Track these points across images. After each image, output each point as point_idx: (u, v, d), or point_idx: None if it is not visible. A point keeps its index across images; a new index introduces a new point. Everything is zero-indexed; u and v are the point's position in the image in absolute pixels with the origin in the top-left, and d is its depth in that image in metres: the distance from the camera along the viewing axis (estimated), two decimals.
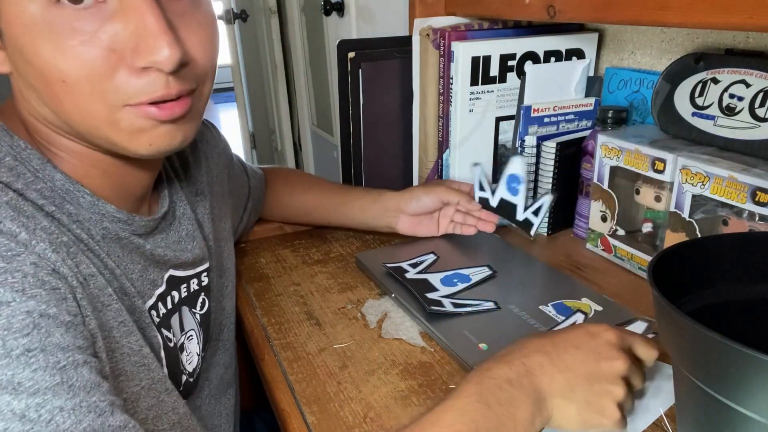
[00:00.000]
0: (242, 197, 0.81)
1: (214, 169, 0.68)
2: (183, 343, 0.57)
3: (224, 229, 0.69)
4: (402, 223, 0.83)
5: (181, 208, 0.59)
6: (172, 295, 0.56)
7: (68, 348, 0.38)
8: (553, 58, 0.89)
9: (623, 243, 0.79)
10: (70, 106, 0.43)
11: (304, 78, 2.22)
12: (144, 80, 0.42)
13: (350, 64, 0.88)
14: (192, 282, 0.59)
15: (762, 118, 0.66)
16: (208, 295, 0.62)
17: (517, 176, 0.79)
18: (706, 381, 0.38)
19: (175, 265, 0.56)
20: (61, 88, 0.42)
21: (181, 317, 0.57)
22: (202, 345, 0.61)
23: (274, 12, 2.44)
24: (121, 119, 0.43)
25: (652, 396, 0.55)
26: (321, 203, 0.87)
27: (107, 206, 0.48)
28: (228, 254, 0.70)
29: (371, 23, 1.54)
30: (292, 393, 0.58)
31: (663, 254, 0.45)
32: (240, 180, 0.80)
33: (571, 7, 0.65)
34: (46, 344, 0.36)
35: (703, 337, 0.36)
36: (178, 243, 0.57)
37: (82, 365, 0.38)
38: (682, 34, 0.82)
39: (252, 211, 0.85)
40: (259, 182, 0.86)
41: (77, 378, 0.37)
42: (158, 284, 0.54)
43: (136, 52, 0.41)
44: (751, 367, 0.34)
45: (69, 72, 0.41)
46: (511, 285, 0.73)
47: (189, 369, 0.58)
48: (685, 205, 0.68)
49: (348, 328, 0.68)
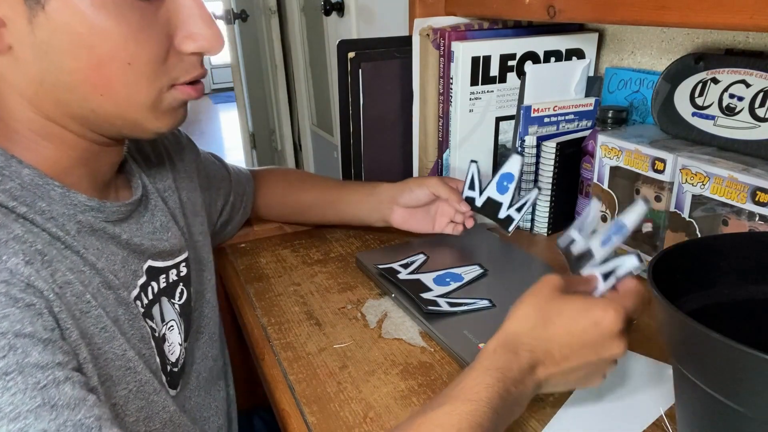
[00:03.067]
0: (220, 191, 0.80)
1: (178, 164, 0.68)
2: (164, 333, 0.57)
3: (199, 223, 0.69)
4: (396, 215, 0.82)
5: (154, 200, 0.59)
6: (152, 285, 0.56)
7: (47, 366, 0.37)
8: (553, 58, 0.89)
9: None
10: (121, 89, 0.45)
11: (304, 78, 2.22)
12: (186, 62, 0.47)
13: (350, 64, 0.88)
14: (171, 272, 0.59)
15: (762, 118, 0.66)
16: (187, 285, 0.62)
17: (511, 175, 0.77)
18: (706, 381, 0.38)
19: (153, 255, 0.56)
20: (122, 71, 0.44)
21: (161, 308, 0.57)
22: (184, 335, 0.60)
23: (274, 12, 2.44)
24: (164, 99, 0.47)
25: (652, 396, 0.55)
26: (317, 200, 0.86)
27: (78, 196, 0.48)
28: (205, 247, 0.69)
29: (371, 23, 1.54)
30: (292, 393, 0.58)
31: (663, 254, 0.45)
32: (216, 174, 0.79)
33: (571, 7, 0.65)
34: (23, 365, 0.35)
35: (703, 337, 0.36)
36: (153, 234, 0.57)
37: (63, 382, 0.37)
38: (682, 34, 0.82)
39: (236, 206, 0.84)
40: (244, 179, 0.85)
41: (59, 396, 0.36)
42: (139, 275, 0.54)
43: (190, 39, 0.46)
44: (751, 367, 0.34)
45: (140, 54, 0.44)
46: (509, 284, 0.73)
47: (172, 359, 0.57)
48: (685, 205, 0.68)
49: (348, 328, 0.68)
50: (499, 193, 0.78)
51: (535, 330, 0.46)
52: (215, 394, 0.68)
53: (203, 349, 0.66)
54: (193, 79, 0.48)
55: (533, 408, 0.54)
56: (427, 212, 0.83)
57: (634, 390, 0.56)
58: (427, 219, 0.83)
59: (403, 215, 0.82)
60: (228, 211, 0.82)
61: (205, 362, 0.66)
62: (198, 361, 0.65)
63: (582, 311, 0.46)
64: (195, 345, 0.65)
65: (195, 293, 0.64)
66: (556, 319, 0.46)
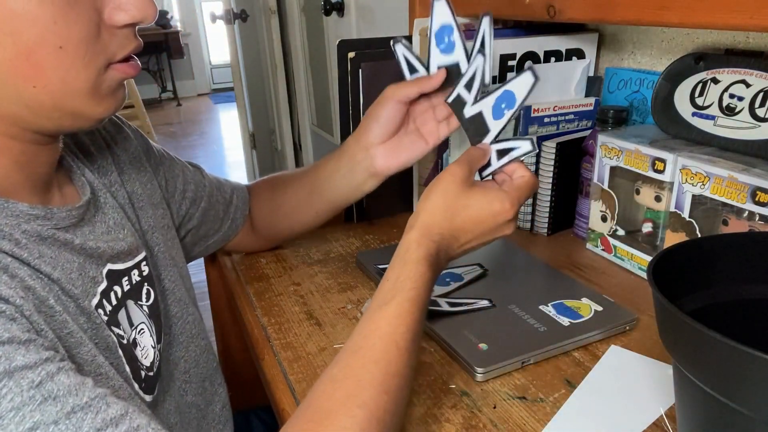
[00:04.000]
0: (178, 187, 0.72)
1: (122, 154, 0.63)
2: (135, 338, 0.54)
3: (160, 216, 0.65)
4: (379, 160, 0.67)
5: (103, 196, 0.56)
6: (115, 290, 0.53)
7: (36, 365, 0.36)
8: (553, 58, 0.89)
9: (623, 243, 0.79)
10: (55, 77, 0.41)
11: (304, 78, 2.22)
12: (119, 36, 0.44)
13: (350, 64, 0.88)
14: (132, 273, 0.56)
15: (762, 118, 0.66)
16: (151, 285, 0.59)
17: (447, 26, 0.59)
18: (706, 381, 0.38)
19: (112, 257, 0.53)
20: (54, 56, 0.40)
21: (128, 312, 0.55)
22: (156, 336, 0.58)
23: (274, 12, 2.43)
24: (103, 81, 0.44)
25: (652, 396, 0.55)
26: (301, 195, 0.76)
27: (18, 205, 0.44)
28: (168, 242, 0.65)
29: (371, 23, 1.54)
30: (292, 393, 0.58)
31: (663, 254, 0.45)
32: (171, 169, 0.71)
33: (571, 7, 0.65)
34: (12, 370, 0.35)
35: (703, 337, 0.36)
36: (108, 234, 0.54)
37: (56, 374, 0.37)
38: (682, 34, 0.82)
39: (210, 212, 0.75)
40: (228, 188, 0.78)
41: (57, 388, 0.36)
42: (99, 281, 0.51)
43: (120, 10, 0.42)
44: (751, 367, 0.34)
45: (70, 36, 0.40)
46: (509, 284, 0.73)
47: (146, 363, 0.55)
48: (685, 205, 0.68)
49: (348, 328, 0.68)
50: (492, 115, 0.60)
51: (446, 221, 0.53)
52: (203, 395, 0.66)
53: (181, 349, 0.64)
54: (128, 54, 0.45)
55: (533, 408, 0.54)
56: (407, 133, 0.68)
57: (634, 390, 0.56)
58: (415, 138, 0.68)
59: (386, 152, 0.67)
60: (197, 212, 0.74)
61: (185, 363, 0.64)
62: (176, 361, 0.63)
63: (485, 204, 0.54)
64: (170, 346, 0.62)
65: (161, 292, 0.62)
66: (462, 212, 0.54)
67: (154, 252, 0.62)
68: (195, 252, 0.78)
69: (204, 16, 6.41)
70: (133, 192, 0.62)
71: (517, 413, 0.54)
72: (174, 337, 0.63)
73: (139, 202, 0.63)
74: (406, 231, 0.54)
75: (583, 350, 0.62)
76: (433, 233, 0.53)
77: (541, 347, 0.61)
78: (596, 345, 0.63)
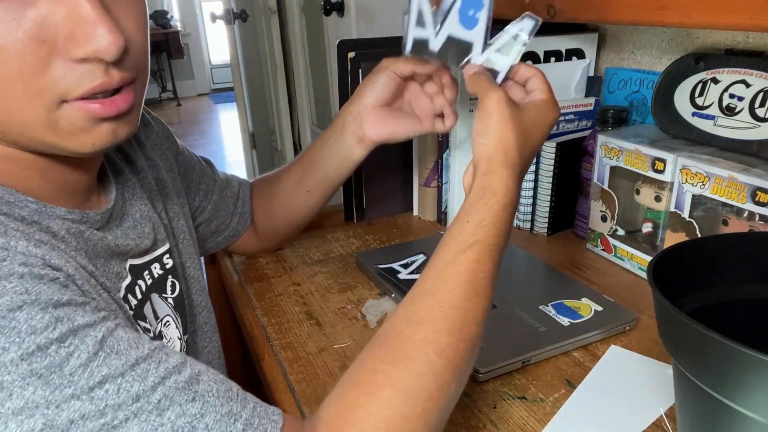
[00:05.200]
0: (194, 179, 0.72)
1: (146, 141, 0.63)
2: (161, 331, 0.55)
3: (183, 204, 0.65)
4: (368, 125, 0.67)
5: (130, 188, 0.56)
6: (139, 284, 0.53)
7: (96, 323, 0.37)
8: (553, 58, 0.89)
9: (623, 243, 0.79)
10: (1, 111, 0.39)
11: (304, 78, 2.21)
12: (80, 71, 0.38)
13: (350, 64, 0.88)
14: (153, 267, 0.56)
15: (762, 118, 0.66)
16: (176, 277, 0.59)
17: (480, 1, 0.54)
18: (706, 381, 0.38)
19: (135, 254, 0.53)
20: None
21: (153, 305, 0.55)
22: (182, 329, 0.59)
23: (274, 12, 2.43)
24: (59, 118, 0.40)
25: (652, 396, 0.55)
26: (297, 176, 0.76)
27: (56, 210, 0.44)
28: (192, 231, 0.66)
29: (371, 23, 1.54)
30: (292, 393, 0.58)
31: (663, 254, 0.45)
32: (187, 160, 0.72)
33: (571, 7, 0.65)
34: (75, 329, 0.36)
35: (703, 337, 0.36)
36: (134, 228, 0.54)
37: (115, 329, 0.38)
38: (682, 34, 0.82)
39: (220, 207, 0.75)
40: (236, 182, 0.79)
41: (119, 342, 0.37)
42: (123, 276, 0.51)
43: (71, 42, 0.37)
44: (751, 367, 0.34)
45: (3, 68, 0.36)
46: (509, 284, 0.73)
47: None
48: (685, 205, 0.68)
49: (348, 328, 0.68)
50: (464, 28, 0.55)
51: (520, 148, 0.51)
52: None
53: (205, 339, 0.65)
54: (96, 91, 0.39)
55: (533, 408, 0.54)
56: (401, 110, 0.69)
57: (634, 390, 0.56)
58: (409, 117, 0.68)
59: (376, 118, 0.67)
60: (209, 205, 0.74)
61: (209, 354, 0.65)
62: (201, 351, 0.64)
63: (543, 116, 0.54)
64: (195, 335, 0.63)
65: (186, 281, 0.62)
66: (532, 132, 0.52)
67: (179, 239, 0.63)
68: (206, 248, 0.79)
69: (204, 16, 6.41)
70: (159, 178, 0.63)
71: (517, 413, 0.54)
72: (198, 327, 0.64)
73: (165, 188, 0.63)
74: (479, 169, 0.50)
75: (583, 350, 0.62)
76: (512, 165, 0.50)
77: (541, 347, 0.61)
78: (596, 345, 0.63)
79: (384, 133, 0.68)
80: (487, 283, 0.46)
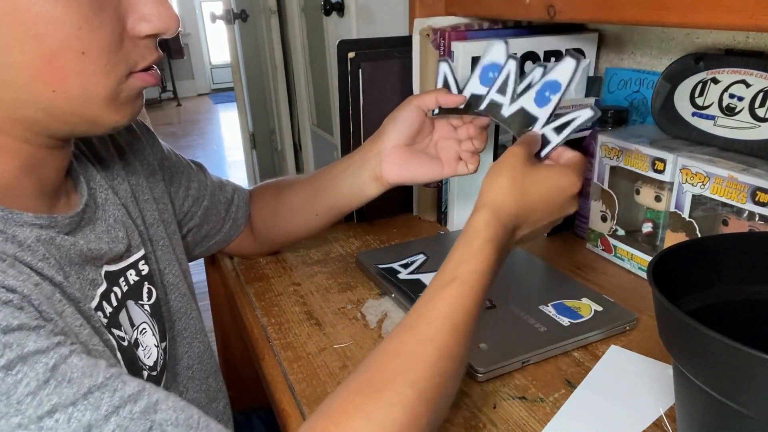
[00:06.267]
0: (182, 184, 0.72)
1: (126, 148, 0.62)
2: (137, 338, 0.54)
3: (163, 211, 0.65)
4: (387, 165, 0.67)
5: (102, 193, 0.55)
6: (115, 291, 0.52)
7: (48, 349, 0.36)
8: (553, 58, 0.89)
9: (623, 243, 0.79)
10: (76, 83, 0.41)
11: (304, 78, 2.21)
12: (140, 46, 0.44)
13: (350, 64, 0.88)
14: (128, 274, 0.55)
15: (762, 118, 0.66)
16: (152, 283, 0.58)
17: (496, 65, 0.62)
18: (706, 381, 0.38)
19: (109, 259, 0.52)
20: (76, 62, 0.40)
21: (129, 312, 0.54)
22: (159, 336, 0.57)
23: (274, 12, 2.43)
24: (123, 90, 0.44)
25: (652, 396, 0.55)
26: (305, 195, 0.75)
27: (23, 216, 0.44)
28: (173, 237, 0.65)
29: (371, 23, 1.54)
30: (292, 393, 0.58)
31: (663, 254, 0.45)
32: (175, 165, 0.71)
33: (571, 7, 0.65)
34: (24, 356, 0.34)
35: (703, 337, 0.36)
36: (108, 232, 0.53)
37: (69, 356, 0.36)
38: (682, 34, 0.82)
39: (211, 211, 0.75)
40: (230, 188, 0.78)
41: (72, 370, 0.36)
42: (98, 283, 0.50)
43: (143, 20, 0.43)
44: (751, 367, 0.34)
45: (93, 43, 0.40)
46: (509, 284, 0.73)
47: (149, 363, 0.54)
48: (685, 205, 0.68)
49: (348, 328, 0.68)
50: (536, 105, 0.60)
51: (515, 201, 0.52)
52: (207, 392, 0.66)
53: (184, 345, 0.64)
54: (149, 64, 0.46)
55: (533, 408, 0.54)
56: (425, 153, 0.69)
57: (634, 390, 0.56)
58: (430, 160, 0.68)
59: (396, 159, 0.67)
60: (200, 215, 0.73)
61: (188, 359, 0.64)
62: (180, 357, 0.62)
63: (553, 179, 0.54)
64: (174, 342, 0.62)
65: (164, 287, 0.61)
66: (532, 188, 0.53)
67: (157, 246, 0.62)
68: (196, 252, 0.78)
69: (204, 16, 6.42)
70: (137, 184, 0.62)
71: (517, 413, 0.54)
72: (178, 333, 0.63)
73: (143, 194, 0.62)
74: (473, 211, 0.51)
75: (583, 350, 0.62)
76: (501, 214, 0.51)
77: (541, 347, 0.61)
78: (596, 345, 0.63)
79: (402, 177, 0.68)
80: (467, 320, 0.46)
